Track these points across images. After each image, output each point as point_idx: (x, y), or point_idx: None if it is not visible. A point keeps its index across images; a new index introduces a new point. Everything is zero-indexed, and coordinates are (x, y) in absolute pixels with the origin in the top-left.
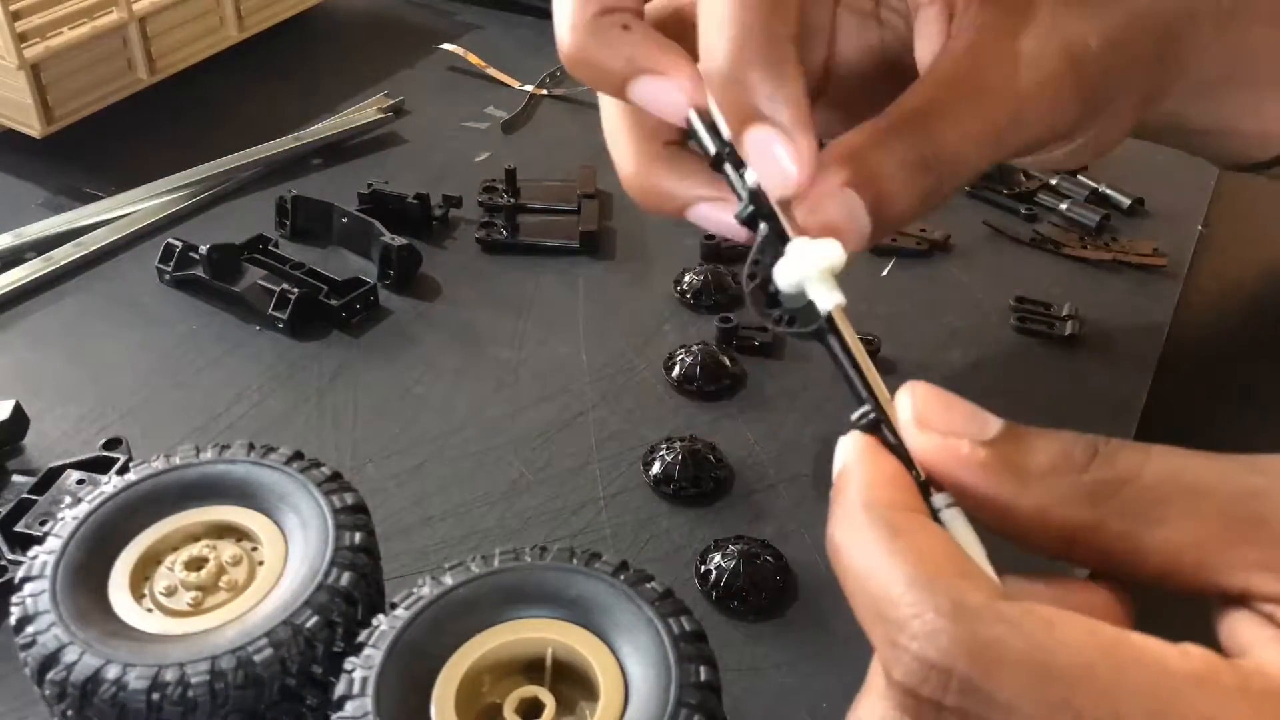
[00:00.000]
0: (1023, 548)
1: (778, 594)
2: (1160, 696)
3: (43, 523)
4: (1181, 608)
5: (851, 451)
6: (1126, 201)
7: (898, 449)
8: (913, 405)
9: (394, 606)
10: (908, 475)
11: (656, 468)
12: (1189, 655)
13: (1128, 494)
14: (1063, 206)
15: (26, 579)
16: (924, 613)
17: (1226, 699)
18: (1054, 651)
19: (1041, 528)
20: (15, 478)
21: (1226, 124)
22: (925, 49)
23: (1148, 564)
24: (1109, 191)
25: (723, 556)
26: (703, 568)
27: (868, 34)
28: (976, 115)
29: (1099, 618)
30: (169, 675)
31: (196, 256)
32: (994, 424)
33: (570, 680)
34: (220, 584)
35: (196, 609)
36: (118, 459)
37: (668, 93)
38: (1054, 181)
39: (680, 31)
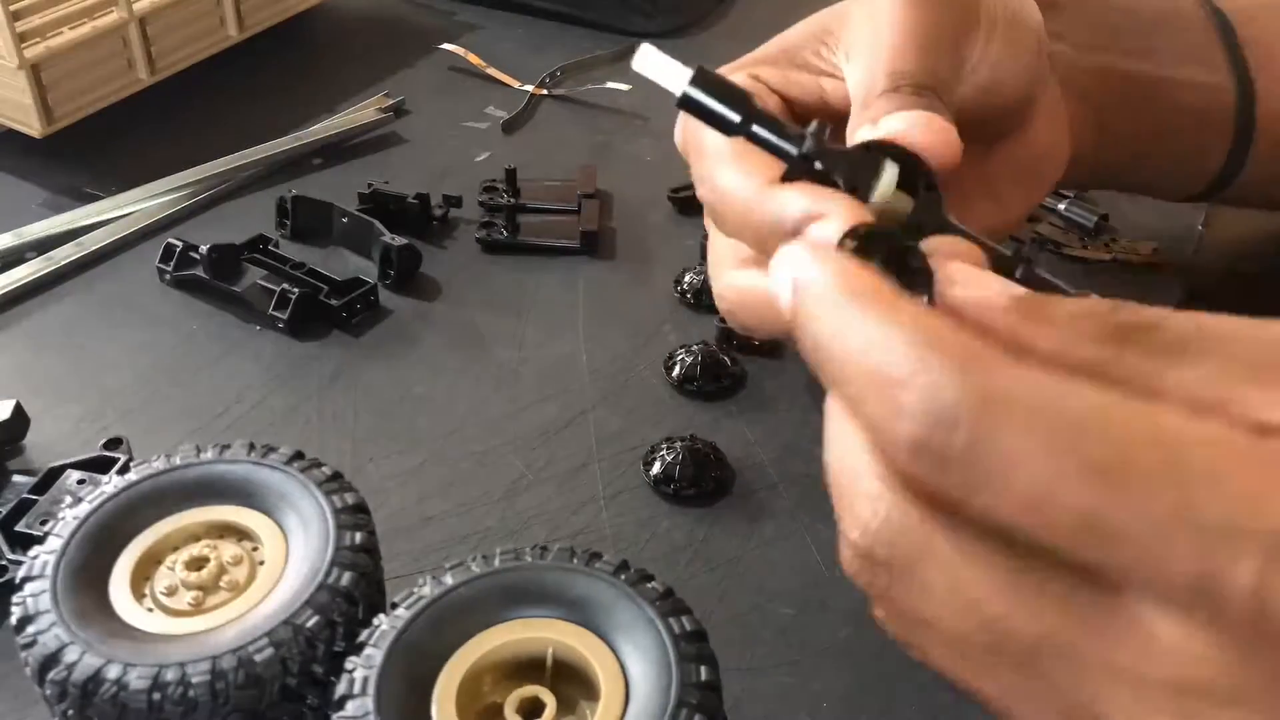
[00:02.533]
0: None
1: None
2: (1172, 446)
3: (43, 523)
4: None
5: (807, 261)
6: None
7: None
8: (946, 270)
9: (395, 606)
10: (872, 267)
11: (656, 468)
12: (1205, 420)
13: (1149, 337)
14: (1061, 206)
15: (27, 579)
16: (931, 363)
17: (1237, 457)
18: (1065, 399)
19: (1071, 364)
20: (15, 478)
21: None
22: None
23: (1168, 400)
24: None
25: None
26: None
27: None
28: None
29: None
30: (170, 675)
31: (196, 256)
32: (1019, 287)
33: (571, 680)
34: (221, 584)
35: (197, 609)
36: (118, 459)
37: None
38: None
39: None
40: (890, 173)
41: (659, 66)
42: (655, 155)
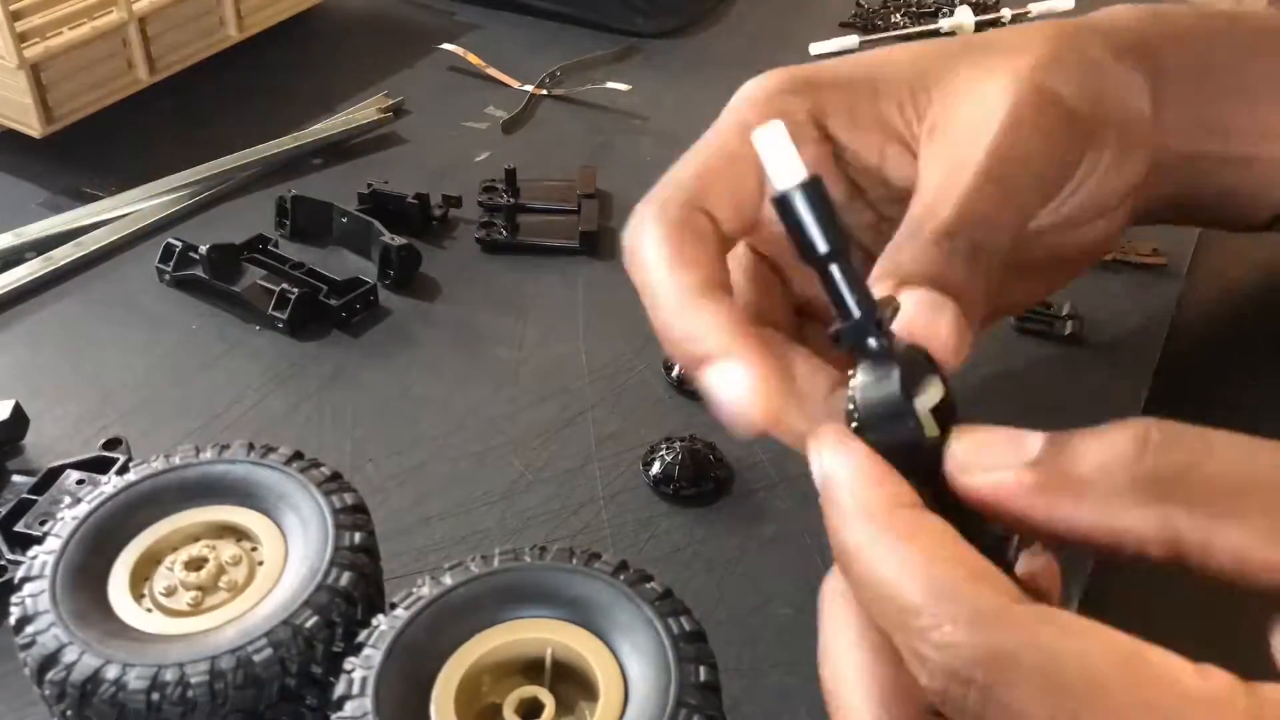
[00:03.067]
0: (1102, 560)
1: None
2: (1170, 718)
3: (43, 523)
4: (1213, 620)
5: (830, 454)
6: None
7: (882, 354)
8: (949, 453)
9: (394, 606)
10: (886, 466)
11: (656, 468)
12: (1208, 677)
13: (1193, 484)
14: None
15: (26, 579)
16: (943, 624)
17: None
18: (1067, 663)
19: (1110, 536)
20: (15, 478)
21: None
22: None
23: (1216, 560)
24: None
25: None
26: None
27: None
28: (965, 181)
29: None
30: (169, 675)
31: (196, 256)
32: (1033, 442)
33: (570, 680)
34: (220, 584)
35: (196, 609)
36: (118, 459)
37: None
38: None
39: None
40: (935, 392)
41: (777, 152)
42: (655, 155)
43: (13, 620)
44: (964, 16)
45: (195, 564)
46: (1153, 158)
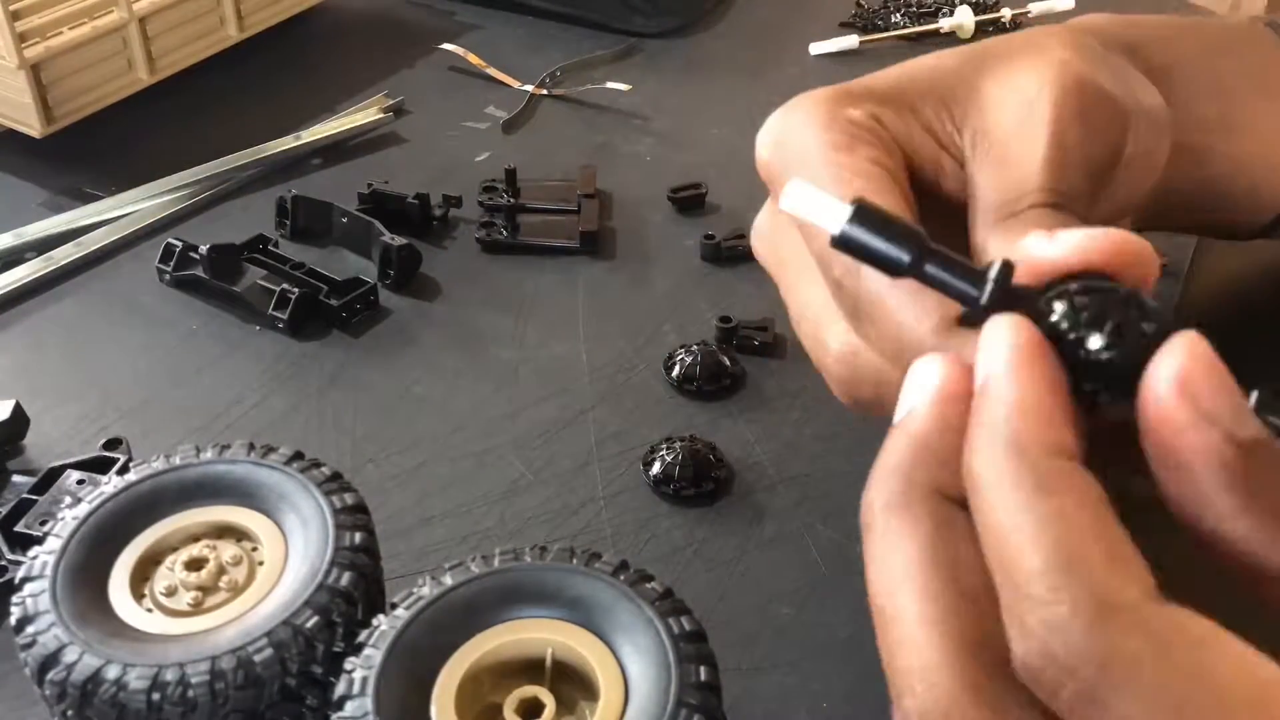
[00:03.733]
0: (1217, 561)
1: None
2: None
3: (43, 523)
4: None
5: (1005, 350)
6: None
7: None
8: (1181, 363)
9: (394, 606)
10: (1062, 399)
11: (656, 468)
12: None
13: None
14: None
15: (26, 579)
16: (1061, 601)
17: None
18: (1195, 684)
19: (1265, 553)
20: (15, 478)
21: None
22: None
23: None
24: None
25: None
26: None
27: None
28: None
29: None
30: (169, 675)
31: (196, 256)
32: (1252, 423)
33: (570, 680)
34: (220, 584)
35: (196, 609)
36: (118, 459)
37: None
38: None
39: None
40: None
41: (811, 204)
42: (655, 155)
43: (13, 620)
44: (964, 16)
45: (196, 564)
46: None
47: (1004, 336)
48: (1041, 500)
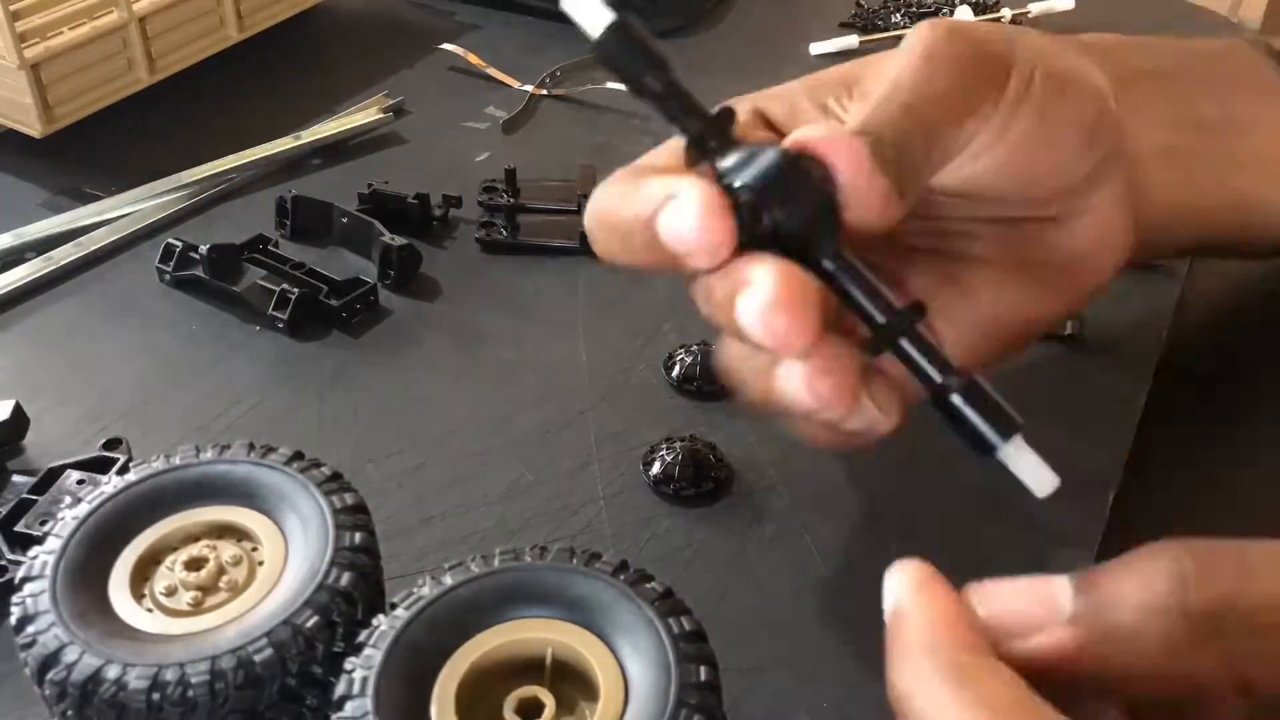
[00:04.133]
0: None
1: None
2: None
3: (43, 523)
4: None
5: (904, 588)
6: None
7: (920, 354)
8: (977, 619)
9: (394, 606)
10: (965, 611)
11: (656, 468)
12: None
13: (1243, 612)
14: None
15: (26, 579)
16: None
17: None
18: None
19: (1173, 682)
20: (15, 478)
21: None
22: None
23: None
24: None
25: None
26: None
27: None
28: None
29: None
30: (169, 675)
31: (196, 256)
32: (1062, 594)
33: (570, 680)
34: (220, 584)
35: (196, 609)
36: (118, 459)
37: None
38: None
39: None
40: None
41: (582, 5)
42: None
43: (13, 620)
44: (964, 16)
45: (196, 564)
46: (1125, 151)
47: (904, 578)
48: (963, 689)
